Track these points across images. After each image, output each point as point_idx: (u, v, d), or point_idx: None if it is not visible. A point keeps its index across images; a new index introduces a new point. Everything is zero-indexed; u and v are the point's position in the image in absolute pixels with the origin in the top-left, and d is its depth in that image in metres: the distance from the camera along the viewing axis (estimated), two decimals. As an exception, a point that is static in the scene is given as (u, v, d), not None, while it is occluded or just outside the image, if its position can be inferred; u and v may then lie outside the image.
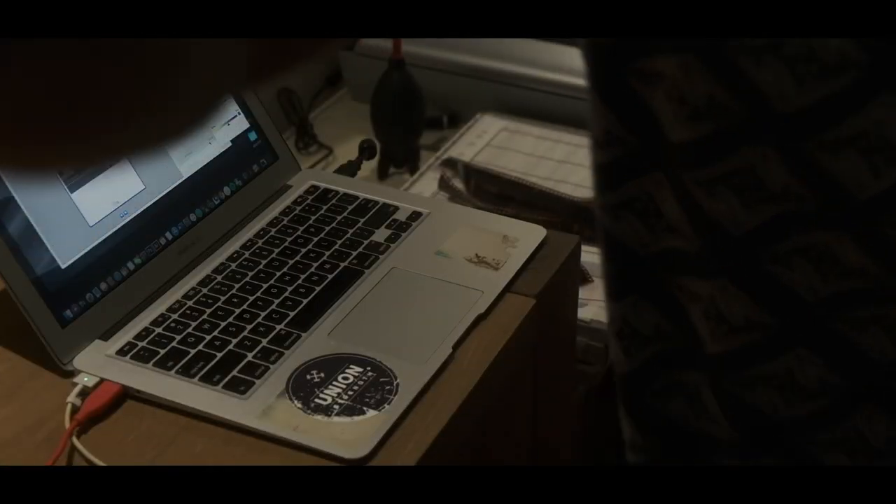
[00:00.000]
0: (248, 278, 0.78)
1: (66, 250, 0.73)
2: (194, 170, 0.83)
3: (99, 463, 0.66)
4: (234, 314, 0.74)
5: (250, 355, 0.69)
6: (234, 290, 0.77)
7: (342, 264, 0.79)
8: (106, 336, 0.72)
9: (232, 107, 0.87)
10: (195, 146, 0.83)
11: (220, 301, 0.75)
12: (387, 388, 0.68)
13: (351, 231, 0.84)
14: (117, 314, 0.75)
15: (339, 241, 0.82)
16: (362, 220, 0.85)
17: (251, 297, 0.75)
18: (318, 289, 0.76)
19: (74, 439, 0.66)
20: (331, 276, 0.78)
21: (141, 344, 0.71)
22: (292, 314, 0.74)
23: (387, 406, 0.67)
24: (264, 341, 0.71)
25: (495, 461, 0.86)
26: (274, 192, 0.88)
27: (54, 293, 0.71)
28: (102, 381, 0.68)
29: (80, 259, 0.74)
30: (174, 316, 0.74)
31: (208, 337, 0.72)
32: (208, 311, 0.74)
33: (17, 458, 0.67)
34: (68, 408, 0.67)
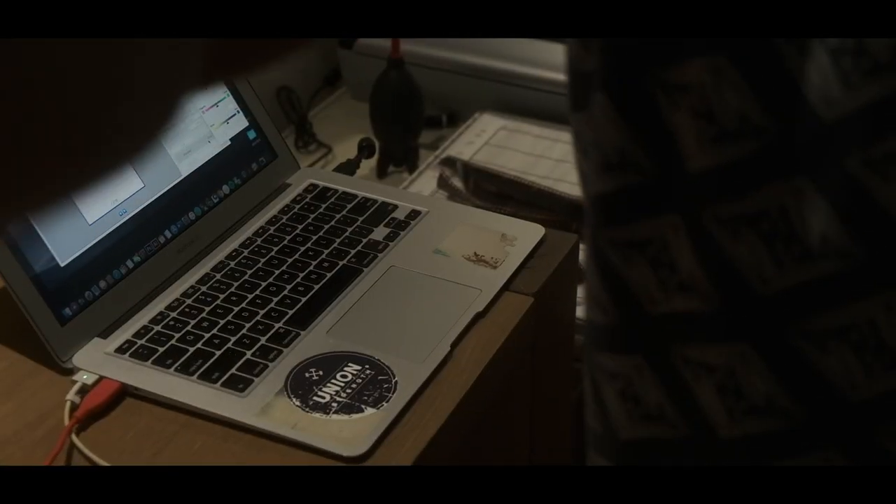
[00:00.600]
0: (247, 276, 0.78)
1: (65, 249, 0.73)
2: (193, 168, 0.83)
3: (98, 460, 0.66)
4: (233, 312, 0.75)
5: (249, 353, 0.70)
6: (233, 289, 0.77)
7: (341, 262, 0.80)
8: (105, 334, 0.72)
9: (231, 105, 0.88)
10: (194, 144, 0.84)
11: (219, 299, 0.76)
12: (385, 386, 0.69)
13: (350, 229, 0.84)
14: (116, 312, 0.75)
15: (338, 240, 0.83)
16: (361, 219, 0.85)
17: (250, 296, 0.76)
18: (316, 287, 0.76)
19: (73, 437, 0.66)
20: (329, 275, 0.78)
21: (140, 342, 0.72)
22: (291, 312, 0.74)
23: (385, 404, 0.67)
24: (263, 339, 0.71)
25: (493, 460, 0.85)
26: (273, 190, 0.89)
27: (53, 291, 0.71)
28: (101, 378, 0.69)
29: (79, 257, 0.74)
30: (173, 314, 0.74)
31: (207, 335, 0.72)
32: (207, 308, 0.74)
33: (16, 456, 0.67)
34: (67, 405, 0.68)
